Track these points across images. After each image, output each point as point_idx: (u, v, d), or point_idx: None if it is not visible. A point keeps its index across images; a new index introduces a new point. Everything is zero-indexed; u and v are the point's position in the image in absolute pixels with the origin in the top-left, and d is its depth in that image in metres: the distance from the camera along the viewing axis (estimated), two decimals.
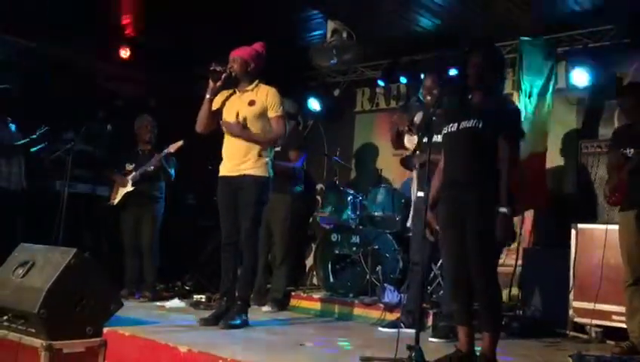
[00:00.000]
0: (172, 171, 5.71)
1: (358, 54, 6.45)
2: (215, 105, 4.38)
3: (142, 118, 5.83)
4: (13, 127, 5.55)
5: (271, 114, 4.32)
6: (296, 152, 5.51)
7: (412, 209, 4.64)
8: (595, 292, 4.46)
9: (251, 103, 4.32)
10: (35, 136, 5.45)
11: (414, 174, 4.67)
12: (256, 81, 4.38)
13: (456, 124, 3.34)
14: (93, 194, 6.04)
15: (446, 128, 3.40)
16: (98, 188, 6.06)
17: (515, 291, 5.33)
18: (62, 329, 3.53)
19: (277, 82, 4.47)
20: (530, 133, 5.19)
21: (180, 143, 5.43)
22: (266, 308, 5.29)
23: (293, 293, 5.62)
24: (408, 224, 4.80)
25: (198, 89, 4.57)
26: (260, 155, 4.30)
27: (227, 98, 4.42)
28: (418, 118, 4.60)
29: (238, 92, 4.40)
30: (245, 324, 4.23)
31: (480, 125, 3.25)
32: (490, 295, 3.24)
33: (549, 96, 5.51)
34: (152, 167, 5.54)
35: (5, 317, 3.62)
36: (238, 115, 4.29)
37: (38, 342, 3.46)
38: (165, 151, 5.50)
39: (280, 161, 5.04)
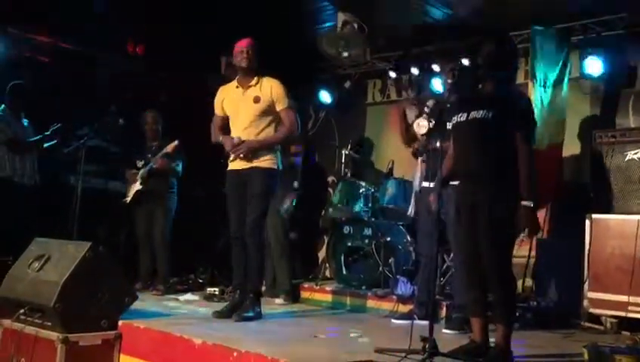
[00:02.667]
0: (179, 167, 5.73)
1: (364, 49, 6.40)
2: (223, 112, 4.36)
3: (147, 113, 5.85)
4: (26, 122, 5.61)
5: (279, 107, 4.22)
6: (295, 146, 5.48)
7: (413, 198, 4.64)
8: (609, 283, 4.43)
9: (256, 100, 4.20)
10: (48, 133, 5.51)
11: (419, 162, 4.65)
12: (259, 74, 4.26)
13: (465, 114, 3.32)
14: (106, 188, 6.12)
15: (455, 118, 3.38)
16: (111, 183, 6.15)
17: (529, 282, 5.32)
18: (77, 322, 3.58)
19: (287, 74, 4.42)
20: (548, 123, 5.14)
21: (175, 143, 5.48)
22: (279, 301, 5.30)
23: (305, 285, 5.63)
24: (409, 212, 4.77)
25: (210, 84, 4.55)
26: (268, 148, 4.27)
27: (231, 98, 4.32)
28: (431, 103, 4.57)
29: (241, 88, 4.28)
30: (259, 316, 4.24)
31: (490, 116, 3.22)
32: (504, 286, 3.22)
33: (564, 85, 5.45)
34: (156, 166, 5.58)
35: (22, 311, 3.67)
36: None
37: (54, 335, 3.51)
38: (163, 151, 5.54)
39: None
